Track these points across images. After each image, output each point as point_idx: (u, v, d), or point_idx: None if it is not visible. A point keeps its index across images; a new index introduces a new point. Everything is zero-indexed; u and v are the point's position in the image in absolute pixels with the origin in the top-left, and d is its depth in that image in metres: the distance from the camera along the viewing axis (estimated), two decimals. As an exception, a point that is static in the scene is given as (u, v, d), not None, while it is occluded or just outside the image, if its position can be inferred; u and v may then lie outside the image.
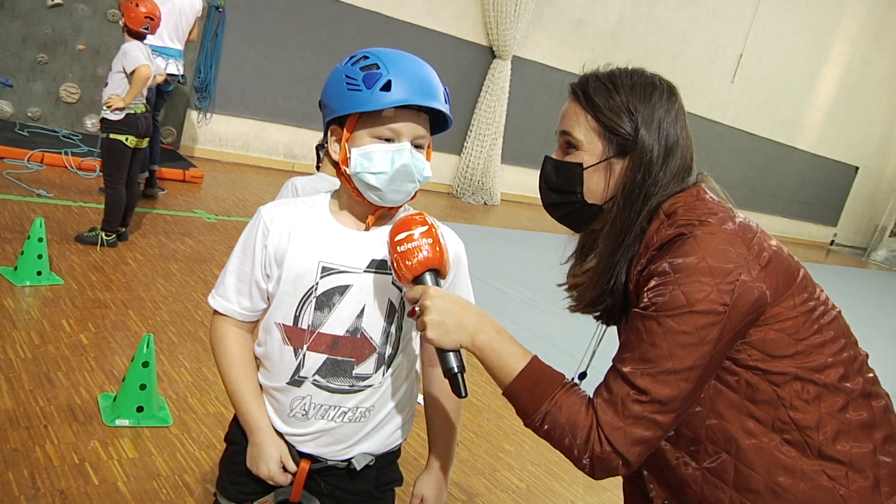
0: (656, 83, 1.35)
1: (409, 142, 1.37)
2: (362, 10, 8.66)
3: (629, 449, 1.20)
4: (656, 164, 1.31)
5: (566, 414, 1.24)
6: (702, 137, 12.97)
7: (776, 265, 1.26)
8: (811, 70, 14.14)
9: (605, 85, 1.34)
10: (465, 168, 10.17)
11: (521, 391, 1.28)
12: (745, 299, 1.20)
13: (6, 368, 3.06)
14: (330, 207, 1.47)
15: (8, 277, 3.89)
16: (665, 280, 1.21)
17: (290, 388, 1.45)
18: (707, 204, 1.30)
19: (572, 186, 1.37)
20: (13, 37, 6.84)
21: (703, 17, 11.93)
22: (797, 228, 15.81)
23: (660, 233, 1.28)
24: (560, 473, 3.33)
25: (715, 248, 1.21)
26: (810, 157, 15.10)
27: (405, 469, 1.71)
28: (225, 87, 8.00)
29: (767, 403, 1.25)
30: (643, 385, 1.20)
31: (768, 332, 1.24)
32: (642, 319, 1.23)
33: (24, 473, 2.47)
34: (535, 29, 10.12)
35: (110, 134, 4.67)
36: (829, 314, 1.30)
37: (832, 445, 1.24)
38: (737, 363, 1.25)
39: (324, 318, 1.41)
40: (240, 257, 1.47)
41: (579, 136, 1.35)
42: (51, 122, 7.20)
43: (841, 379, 1.26)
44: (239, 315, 1.49)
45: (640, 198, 1.32)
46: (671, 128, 1.33)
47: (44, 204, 5.30)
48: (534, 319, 5.37)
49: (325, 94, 1.40)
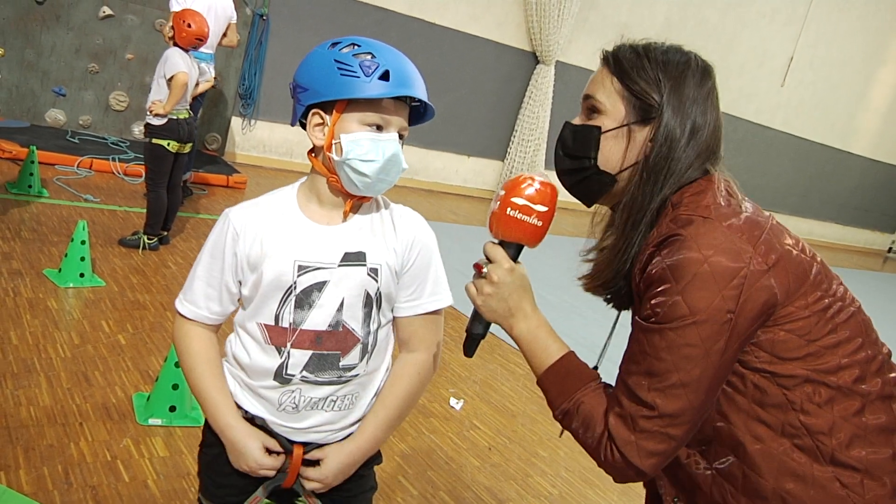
0: (691, 59, 1.29)
1: (396, 132, 1.38)
2: (405, 16, 8.71)
3: (643, 461, 1.16)
4: (680, 140, 1.24)
5: (582, 416, 1.23)
6: (750, 143, 12.84)
7: (786, 263, 1.17)
8: (867, 72, 13.75)
9: (637, 52, 1.29)
10: (508, 174, 10.14)
11: (550, 385, 1.29)
12: (752, 304, 1.13)
13: (46, 367, 3.13)
14: (298, 201, 1.46)
15: (52, 279, 3.99)
16: (665, 288, 1.14)
17: (278, 385, 1.44)
18: (713, 196, 1.22)
19: (587, 150, 1.30)
20: (67, 48, 7.05)
21: (751, 19, 11.70)
22: (852, 235, 15.37)
23: (661, 227, 1.21)
24: (594, 480, 3.27)
25: (717, 249, 1.13)
26: (866, 161, 14.67)
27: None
28: (269, 94, 8.11)
29: (777, 407, 1.18)
30: (651, 400, 1.15)
31: (777, 332, 1.16)
32: (645, 332, 1.17)
33: (59, 469, 2.51)
34: (579, 34, 10.05)
35: (153, 139, 4.76)
36: (845, 311, 1.21)
37: (846, 451, 1.16)
38: (744, 365, 1.18)
39: (304, 315, 1.41)
40: (208, 262, 1.46)
41: (602, 97, 1.30)
42: (100, 129, 7.39)
43: (856, 381, 1.18)
44: (207, 319, 1.48)
45: (662, 172, 1.24)
46: (699, 106, 1.26)
47: (90, 208, 5.42)
48: (573, 325, 5.30)
49: (304, 78, 1.38)
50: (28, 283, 3.90)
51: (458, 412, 3.64)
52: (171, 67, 4.71)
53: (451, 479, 3.03)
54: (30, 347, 3.26)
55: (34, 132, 6.69)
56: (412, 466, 3.04)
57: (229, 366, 1.52)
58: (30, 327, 3.43)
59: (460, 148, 9.92)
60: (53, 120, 7.14)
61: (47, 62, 7.00)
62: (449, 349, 4.33)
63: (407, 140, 1.41)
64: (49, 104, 7.13)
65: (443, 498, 2.88)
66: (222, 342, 1.55)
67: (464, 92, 9.55)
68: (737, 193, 1.27)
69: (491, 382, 4.06)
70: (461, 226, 8.01)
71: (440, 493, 2.91)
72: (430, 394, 3.74)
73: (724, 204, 1.21)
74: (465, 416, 3.61)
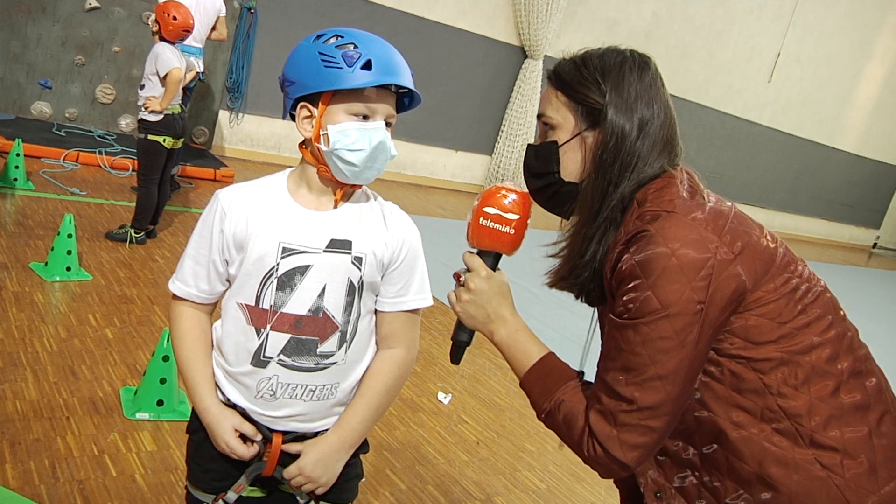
0: (627, 55, 1.34)
1: (383, 120, 1.40)
2: (394, 10, 8.69)
3: (626, 455, 1.18)
4: (630, 134, 1.28)
5: (563, 412, 1.26)
6: (738, 138, 12.89)
7: (752, 250, 1.21)
8: (853, 68, 13.83)
9: (575, 62, 1.35)
10: (496, 168, 10.15)
11: (532, 386, 1.31)
12: (722, 293, 1.16)
13: (33, 361, 3.11)
14: (288, 186, 1.48)
15: (38, 272, 3.96)
16: (636, 284, 1.17)
17: (255, 370, 1.45)
18: (676, 191, 1.25)
19: (549, 166, 1.36)
20: (53, 40, 6.98)
21: (739, 15, 11.74)
22: (838, 231, 15.47)
23: (628, 224, 1.24)
24: (582, 474, 3.28)
25: (683, 241, 1.16)
26: (852, 157, 14.76)
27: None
28: (256, 88, 8.07)
29: (754, 392, 1.20)
30: (629, 394, 1.18)
31: (749, 318, 1.19)
32: (619, 329, 1.20)
33: (45, 463, 2.50)
34: (568, 28, 10.05)
35: (149, 135, 4.73)
36: (812, 292, 1.25)
37: (824, 432, 1.19)
38: (719, 353, 1.21)
39: (286, 297, 1.42)
40: (197, 241, 1.49)
41: (552, 114, 1.35)
42: (87, 122, 7.34)
43: (829, 360, 1.21)
44: (196, 298, 1.51)
45: (613, 167, 1.28)
46: (644, 97, 1.30)
47: (77, 202, 5.39)
48: (563, 321, 5.32)
49: (291, 71, 1.40)
50: (14, 276, 3.88)
51: (447, 406, 3.64)
52: (165, 64, 4.68)
53: (440, 473, 3.04)
54: (16, 341, 3.24)
55: (20, 125, 6.64)
56: (400, 461, 3.04)
57: (214, 353, 1.53)
58: (16, 321, 3.41)
59: (448, 142, 9.91)
60: (39, 112, 7.08)
61: (33, 54, 6.94)
62: (437, 343, 4.34)
63: (395, 134, 1.43)
64: (35, 97, 7.07)
65: (431, 492, 2.89)
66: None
67: (452, 86, 9.54)
68: (699, 185, 1.30)
69: (479, 377, 4.07)
70: (448, 220, 8.01)
71: (428, 488, 2.91)
72: (419, 388, 3.75)
73: (687, 197, 1.24)
74: (453, 411, 3.62)
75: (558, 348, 1.41)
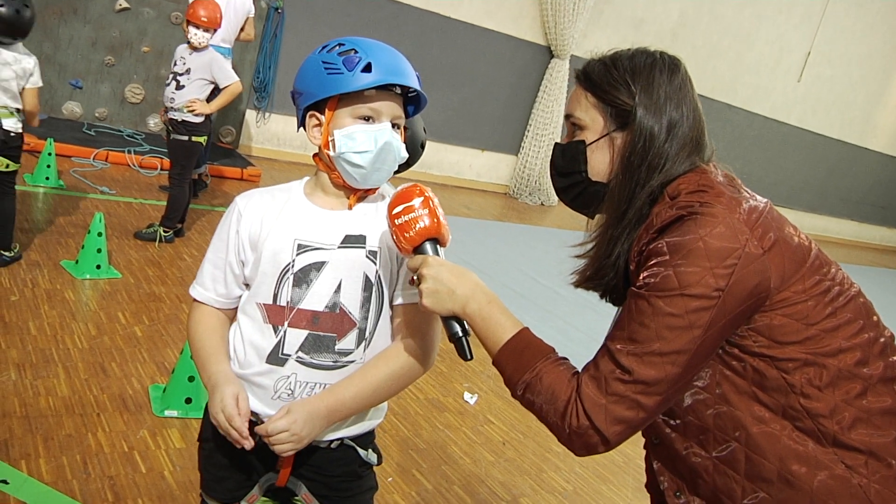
0: (657, 57, 1.34)
1: (389, 121, 1.42)
2: (420, 10, 8.69)
3: (609, 427, 1.17)
4: (659, 136, 1.29)
5: (546, 383, 1.23)
6: (767, 138, 12.73)
7: (782, 248, 1.19)
8: (886, 67, 13.62)
9: (605, 63, 1.35)
10: (522, 168, 10.12)
11: (507, 360, 1.28)
12: (743, 285, 1.15)
13: (64, 358, 3.16)
14: (305, 190, 1.51)
15: (69, 270, 4.02)
16: (660, 260, 1.18)
17: (273, 368, 1.44)
18: (712, 185, 1.25)
19: (576, 165, 1.36)
20: (83, 41, 7.08)
21: (768, 14, 11.60)
22: (868, 232, 15.24)
23: (661, 215, 1.24)
24: (608, 476, 3.26)
25: (714, 230, 1.16)
26: (884, 157, 14.54)
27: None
28: (284, 88, 8.12)
29: (776, 390, 1.19)
30: (628, 364, 1.17)
31: (774, 317, 1.18)
32: (634, 298, 1.21)
33: (77, 458, 2.53)
34: (594, 28, 10.00)
35: (192, 136, 4.80)
36: (844, 295, 1.23)
37: (848, 434, 1.17)
38: (743, 350, 1.20)
39: (302, 294, 1.42)
40: (215, 244, 1.52)
41: (580, 114, 1.36)
42: (116, 121, 7.43)
43: (858, 364, 1.19)
44: (215, 302, 1.52)
45: (641, 168, 1.29)
46: (673, 99, 1.30)
47: (106, 200, 5.46)
48: (586, 320, 5.29)
49: (300, 83, 1.44)
50: (46, 274, 3.93)
51: (473, 407, 3.64)
52: (228, 76, 4.78)
53: (466, 473, 3.04)
54: (48, 338, 3.29)
55: (51, 124, 6.73)
56: (427, 461, 3.04)
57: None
58: (48, 318, 3.46)
59: (474, 142, 9.90)
60: (70, 112, 7.18)
61: (64, 55, 7.04)
62: (463, 343, 4.33)
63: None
64: (66, 97, 7.16)
65: (457, 492, 2.89)
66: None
67: (478, 86, 9.53)
68: (735, 179, 1.31)
69: (504, 377, 4.05)
70: (474, 220, 8.00)
71: (454, 488, 2.91)
72: (444, 388, 3.75)
73: (724, 189, 1.24)
74: (479, 411, 3.61)
75: (584, 349, 1.40)
